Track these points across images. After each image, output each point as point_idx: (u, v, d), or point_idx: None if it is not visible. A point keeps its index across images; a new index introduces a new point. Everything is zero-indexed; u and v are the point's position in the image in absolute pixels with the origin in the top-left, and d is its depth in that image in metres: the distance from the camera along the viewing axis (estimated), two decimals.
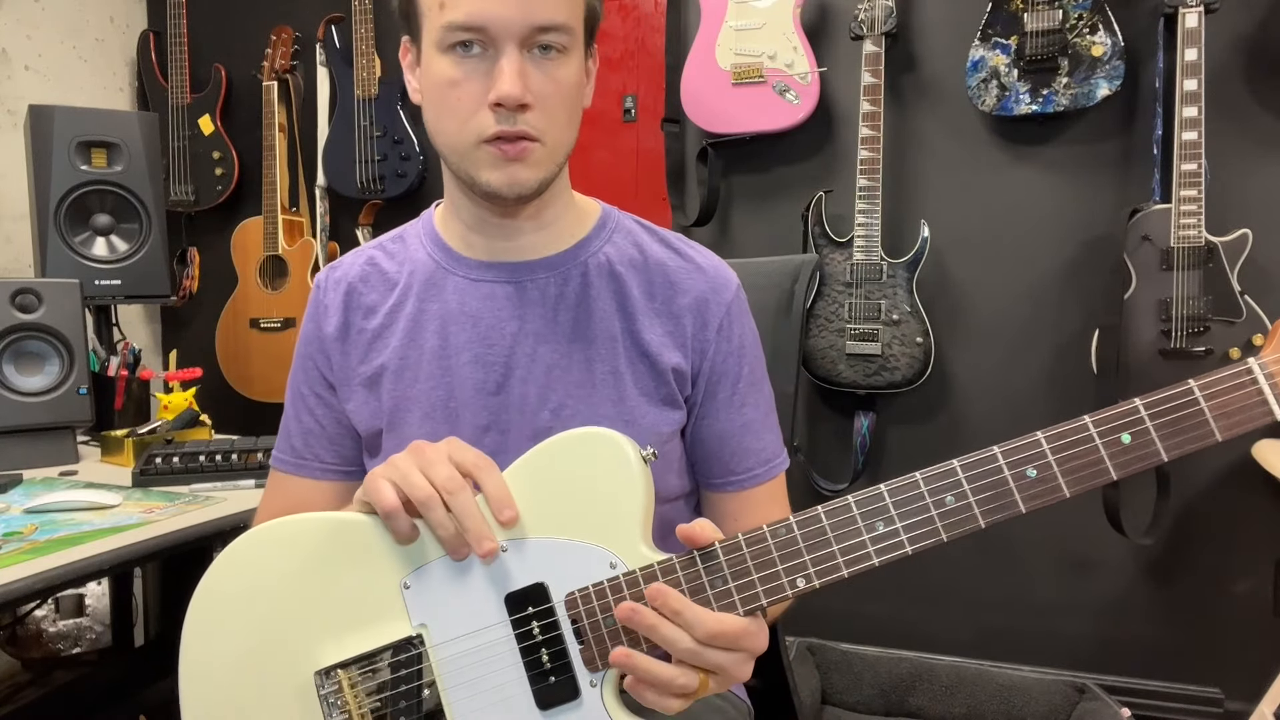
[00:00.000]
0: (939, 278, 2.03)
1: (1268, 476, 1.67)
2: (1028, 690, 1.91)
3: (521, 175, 0.77)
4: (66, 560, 1.01)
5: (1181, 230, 1.73)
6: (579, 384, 0.82)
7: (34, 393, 1.54)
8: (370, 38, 2.33)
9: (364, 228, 2.43)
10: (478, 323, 0.84)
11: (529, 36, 0.74)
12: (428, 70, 0.79)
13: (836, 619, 2.12)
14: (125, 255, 1.95)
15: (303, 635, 0.70)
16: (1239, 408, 0.58)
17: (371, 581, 0.69)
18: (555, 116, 0.78)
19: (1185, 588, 1.95)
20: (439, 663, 0.67)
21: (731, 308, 0.87)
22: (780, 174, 2.17)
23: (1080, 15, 1.82)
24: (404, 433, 0.84)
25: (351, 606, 0.69)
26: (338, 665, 0.69)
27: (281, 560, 0.71)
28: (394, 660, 0.68)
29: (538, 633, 0.66)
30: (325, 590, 0.70)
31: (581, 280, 0.85)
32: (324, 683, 0.69)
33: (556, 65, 0.77)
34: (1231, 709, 1.88)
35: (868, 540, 0.65)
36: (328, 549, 0.70)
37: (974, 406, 2.05)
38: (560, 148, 0.80)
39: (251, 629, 0.71)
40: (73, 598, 2.10)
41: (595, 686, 0.65)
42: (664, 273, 0.86)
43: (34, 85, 2.36)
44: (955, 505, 0.63)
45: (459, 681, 0.67)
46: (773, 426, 0.91)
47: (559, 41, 0.76)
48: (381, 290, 0.89)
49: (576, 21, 0.78)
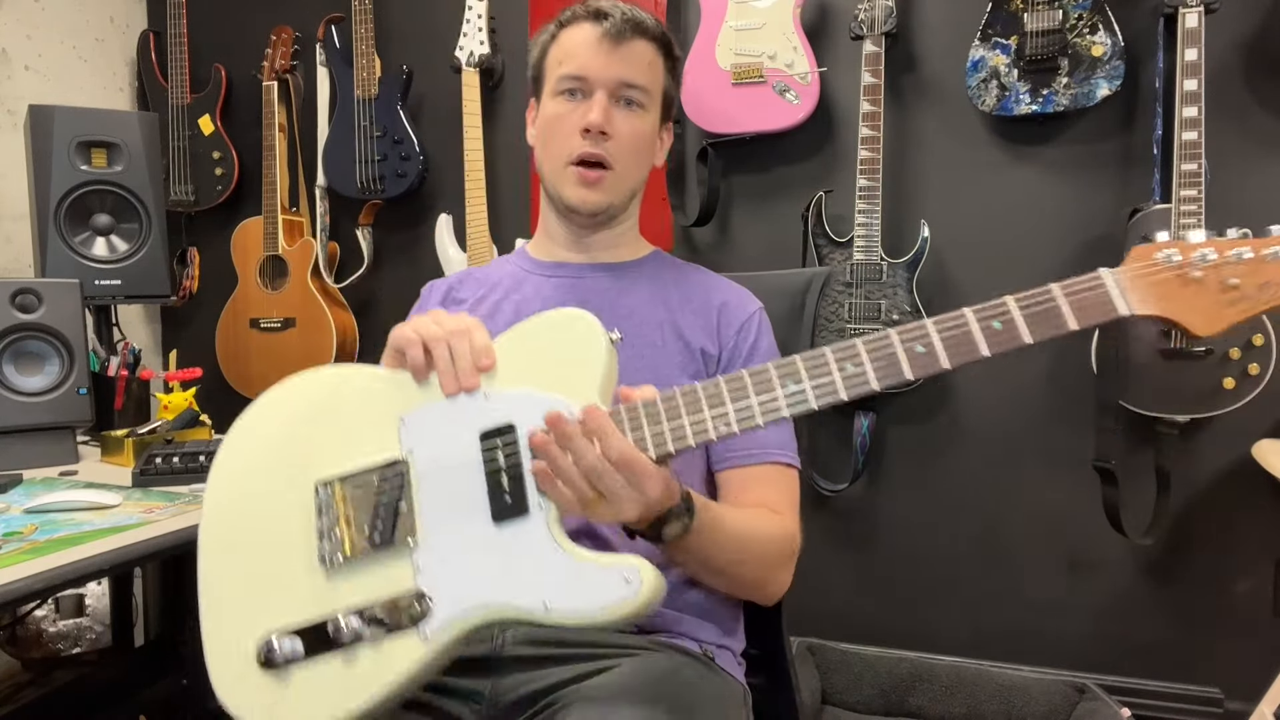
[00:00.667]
0: (939, 278, 2.03)
1: (1268, 476, 1.67)
2: (1028, 690, 1.91)
3: (593, 196, 1.04)
4: (66, 560, 1.00)
5: (1182, 230, 1.73)
6: (627, 351, 0.96)
7: (34, 393, 1.54)
8: (370, 38, 2.33)
9: (364, 228, 2.43)
10: (546, 300, 1.06)
11: (616, 89, 1.03)
12: (543, 112, 1.07)
13: (836, 619, 2.12)
14: (125, 255, 1.95)
15: (310, 453, 0.85)
16: (1092, 303, 0.73)
17: (374, 417, 0.84)
18: (627, 152, 1.04)
19: (1185, 588, 1.95)
20: (417, 479, 0.81)
21: (753, 318, 1.08)
22: (780, 174, 2.17)
23: (1080, 15, 1.82)
24: None
25: (353, 434, 0.84)
26: (336, 478, 0.83)
27: (308, 393, 0.89)
28: (382, 475, 0.81)
29: (502, 460, 0.78)
30: (336, 420, 0.86)
31: (632, 280, 1.09)
32: (321, 492, 0.83)
33: (635, 115, 1.04)
34: (1231, 709, 1.88)
35: (781, 395, 0.76)
36: (343, 389, 0.87)
37: (974, 406, 2.05)
38: (627, 180, 1.06)
39: (274, 444, 0.87)
40: (73, 598, 2.10)
41: (543, 509, 0.77)
42: (699, 284, 1.10)
43: (34, 85, 2.36)
44: (853, 371, 0.75)
45: (430, 496, 0.80)
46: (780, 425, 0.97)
47: (639, 98, 1.04)
48: (473, 288, 1.14)
49: (655, 88, 1.06)
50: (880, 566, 2.15)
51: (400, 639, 0.77)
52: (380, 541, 0.80)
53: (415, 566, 0.79)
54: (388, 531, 0.80)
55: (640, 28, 1.04)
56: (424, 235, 2.40)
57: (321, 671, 0.78)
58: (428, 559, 0.79)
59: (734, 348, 1.05)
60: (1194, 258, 0.73)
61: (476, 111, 2.25)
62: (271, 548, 0.83)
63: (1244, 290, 0.73)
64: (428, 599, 0.77)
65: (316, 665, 0.78)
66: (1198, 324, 0.73)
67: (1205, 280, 0.73)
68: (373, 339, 2.50)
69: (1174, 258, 0.74)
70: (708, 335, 1.05)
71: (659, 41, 1.06)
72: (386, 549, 0.79)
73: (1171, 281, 0.73)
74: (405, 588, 0.78)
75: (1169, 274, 0.73)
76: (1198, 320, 0.73)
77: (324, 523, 0.82)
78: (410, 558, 0.79)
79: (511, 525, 0.77)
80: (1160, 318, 0.73)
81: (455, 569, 0.78)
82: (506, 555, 0.77)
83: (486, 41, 2.23)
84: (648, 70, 1.05)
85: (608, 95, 1.02)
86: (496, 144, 2.35)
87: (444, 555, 0.78)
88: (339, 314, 2.42)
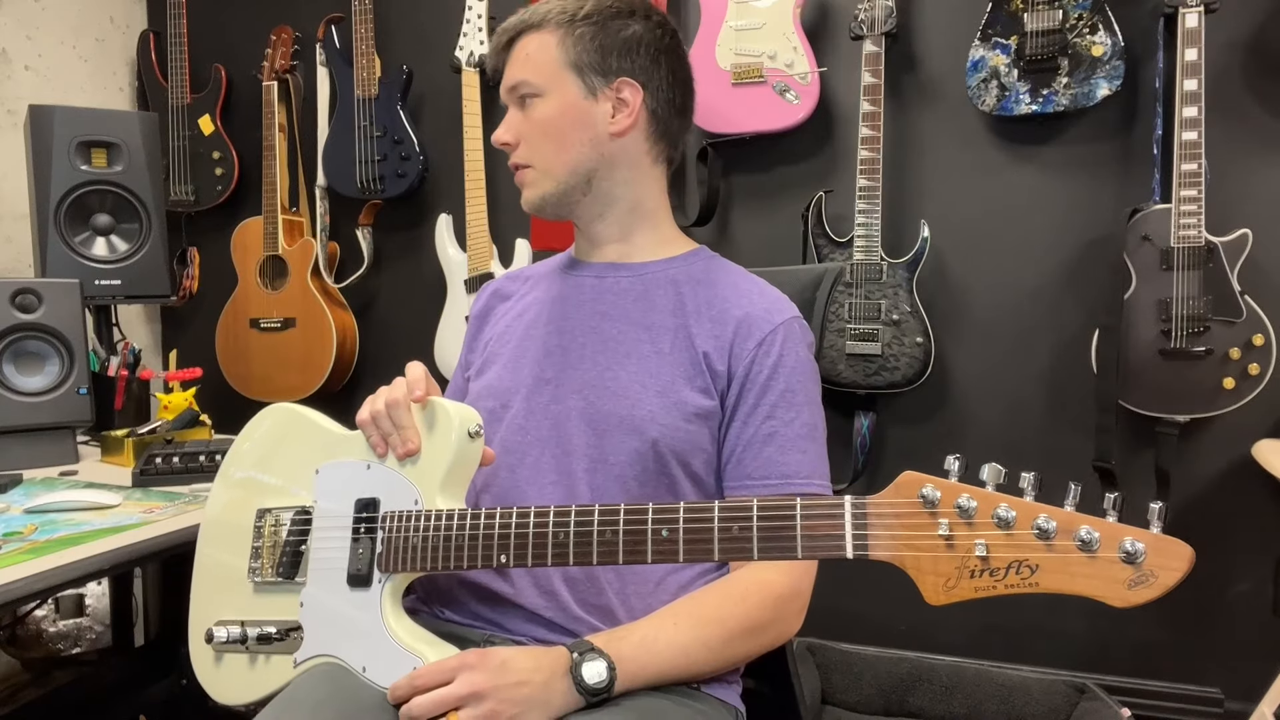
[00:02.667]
0: (939, 278, 2.03)
1: (1268, 476, 1.67)
2: (1028, 690, 1.91)
3: (526, 195, 1.07)
4: (66, 560, 1.01)
5: (1181, 230, 1.73)
6: (627, 354, 1.01)
7: (34, 393, 1.54)
8: (370, 38, 2.33)
9: (364, 228, 2.43)
10: (564, 302, 1.08)
11: (510, 97, 1.06)
12: None
13: (836, 619, 2.11)
14: (125, 255, 1.95)
15: (265, 481, 1.00)
16: (822, 536, 0.68)
17: (306, 461, 0.97)
18: (537, 144, 1.04)
19: (1185, 588, 1.92)
20: (315, 530, 0.93)
21: (780, 329, 1.00)
22: (780, 174, 2.17)
23: (1080, 15, 1.82)
24: (487, 378, 1.08)
25: (292, 474, 0.98)
26: (269, 510, 0.98)
27: (277, 427, 1.04)
28: (294, 518, 0.95)
29: (363, 531, 0.90)
30: (285, 457, 1.00)
31: (653, 281, 1.06)
32: (260, 518, 0.98)
33: (531, 107, 1.04)
34: (1231, 709, 1.88)
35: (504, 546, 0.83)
36: (295, 429, 1.01)
37: (974, 406, 2.05)
38: (553, 167, 1.04)
39: (249, 466, 1.03)
40: (73, 598, 2.10)
41: (381, 583, 0.87)
42: (723, 293, 1.04)
43: (34, 85, 2.36)
44: (609, 538, 0.78)
45: (318, 547, 0.93)
46: (807, 450, 0.97)
47: (528, 90, 1.03)
48: (519, 283, 1.18)
49: (545, 72, 1.02)
50: (880, 566, 2.14)
51: (281, 657, 0.92)
52: (283, 574, 0.93)
53: (301, 601, 0.92)
54: (289, 567, 0.93)
55: (520, 28, 1.04)
56: (424, 235, 2.40)
57: (239, 661, 0.95)
58: (309, 598, 0.92)
59: (751, 364, 0.97)
60: (954, 506, 0.63)
61: (476, 111, 2.25)
62: (231, 555, 0.99)
63: (991, 563, 0.61)
64: (301, 633, 0.91)
65: (236, 656, 0.95)
66: (930, 591, 0.63)
67: (954, 540, 0.62)
68: (373, 339, 2.50)
69: (934, 502, 0.63)
70: (719, 348, 0.99)
71: (544, 24, 1.03)
72: (287, 581, 0.93)
73: (916, 533, 0.64)
74: (291, 617, 0.92)
75: (916, 523, 0.64)
76: (932, 586, 0.63)
77: (256, 544, 0.97)
78: (300, 593, 0.92)
79: (359, 591, 0.88)
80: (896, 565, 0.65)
81: (322, 615, 0.91)
82: (351, 617, 0.88)
83: (486, 41, 2.23)
84: (527, 63, 1.03)
85: (514, 106, 1.05)
86: None
87: (319, 599, 0.91)
88: (339, 314, 2.42)
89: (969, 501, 0.62)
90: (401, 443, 0.89)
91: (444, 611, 1.01)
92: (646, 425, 0.96)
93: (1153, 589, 0.57)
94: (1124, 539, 0.58)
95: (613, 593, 0.95)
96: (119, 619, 2.08)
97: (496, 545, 0.82)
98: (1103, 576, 0.58)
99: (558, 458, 0.99)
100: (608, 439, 0.97)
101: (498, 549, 0.82)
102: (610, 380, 0.99)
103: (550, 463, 0.99)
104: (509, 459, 1.01)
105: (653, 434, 0.96)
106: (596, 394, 0.99)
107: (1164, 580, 0.57)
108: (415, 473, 0.89)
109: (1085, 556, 0.58)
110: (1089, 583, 0.58)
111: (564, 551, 0.79)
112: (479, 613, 0.99)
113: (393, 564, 0.87)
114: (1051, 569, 0.59)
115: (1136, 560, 0.57)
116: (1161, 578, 0.57)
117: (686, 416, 0.97)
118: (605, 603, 0.95)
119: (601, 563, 0.79)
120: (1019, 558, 0.60)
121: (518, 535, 0.81)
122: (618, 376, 0.99)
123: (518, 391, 1.04)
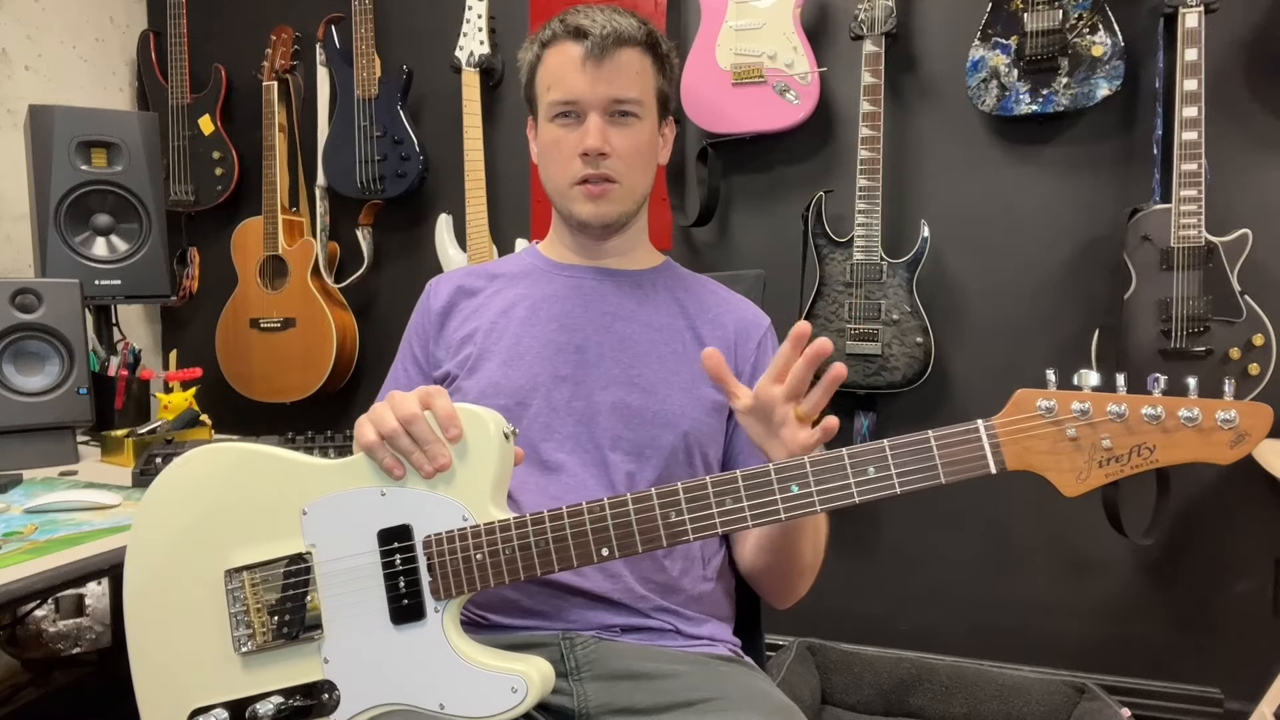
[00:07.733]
0: (939, 278, 2.03)
1: (1268, 476, 1.67)
2: (1028, 690, 1.91)
3: (604, 209, 1.05)
4: (66, 560, 1.01)
5: (1181, 230, 1.73)
6: (646, 354, 1.05)
7: (34, 393, 1.54)
8: (370, 38, 2.33)
9: (364, 228, 2.43)
10: (565, 301, 1.08)
11: (607, 107, 1.02)
12: (541, 135, 1.07)
13: (836, 619, 2.12)
14: (125, 255, 1.95)
15: (220, 538, 0.86)
16: (963, 459, 0.74)
17: (276, 503, 0.85)
18: (629, 164, 1.04)
19: (1185, 588, 1.95)
20: (321, 576, 0.83)
21: (769, 331, 1.12)
22: (780, 174, 2.17)
23: (1080, 15, 1.82)
24: (485, 375, 1.04)
25: (261, 522, 0.85)
26: (243, 568, 0.85)
27: (217, 473, 0.87)
28: (287, 570, 0.84)
29: (399, 563, 0.82)
30: (242, 504, 0.86)
31: (650, 287, 1.11)
32: (231, 579, 0.85)
33: (631, 127, 1.03)
34: (1231, 709, 1.88)
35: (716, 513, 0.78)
36: (247, 471, 0.86)
37: (974, 406, 2.05)
38: (635, 189, 1.06)
39: (183, 525, 0.87)
40: (73, 598, 2.10)
41: (438, 612, 0.81)
42: (712, 298, 1.12)
43: (34, 85, 2.36)
44: (732, 507, 0.77)
45: (334, 594, 0.83)
46: None
47: (632, 109, 1.03)
48: (484, 280, 1.13)
49: (647, 95, 1.04)
50: (880, 566, 2.15)
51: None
52: (289, 633, 0.83)
53: (323, 658, 0.83)
54: (296, 624, 0.83)
55: (621, 38, 1.01)
56: (424, 235, 2.40)
57: None
58: (335, 651, 0.83)
59: (754, 363, 1.07)
60: (1072, 411, 0.72)
61: (476, 111, 2.25)
62: (191, 630, 0.86)
63: (1115, 451, 0.71)
64: (336, 691, 0.82)
65: None
66: (1067, 484, 0.72)
67: (1079, 439, 0.72)
68: (373, 339, 2.50)
69: (1052, 410, 0.72)
70: (726, 349, 1.06)
71: (644, 44, 1.03)
72: (292, 642, 0.83)
73: (1045, 439, 0.72)
74: (315, 678, 0.83)
75: (1043, 431, 0.72)
76: (1067, 481, 0.72)
77: (236, 610, 0.85)
78: (319, 650, 0.83)
79: (409, 628, 0.81)
80: (1032, 473, 0.72)
81: (360, 665, 0.82)
82: (407, 657, 0.81)
83: (486, 41, 2.24)
84: (636, 80, 1.03)
85: (601, 115, 1.02)
86: (496, 144, 2.35)
87: (349, 650, 0.82)
88: (339, 314, 2.42)
89: (1084, 405, 0.71)
90: (430, 459, 0.81)
91: (489, 617, 0.99)
92: (679, 419, 1.02)
93: (1250, 444, 0.69)
94: (1217, 411, 0.69)
95: (671, 566, 1.01)
96: (119, 619, 2.08)
97: (592, 540, 0.79)
98: (1210, 442, 0.69)
99: (590, 452, 1.01)
100: (642, 432, 1.01)
101: (595, 543, 0.79)
102: (637, 377, 1.03)
103: (583, 458, 1.01)
104: (539, 458, 1.01)
105: (684, 426, 1.02)
106: (626, 390, 1.03)
107: (1256, 436, 0.68)
108: (454, 489, 0.82)
109: (1193, 430, 0.69)
110: (1200, 450, 0.69)
111: (655, 535, 0.78)
112: (532, 609, 0.97)
113: (448, 589, 0.81)
114: (1167, 445, 0.70)
115: (1234, 424, 0.69)
116: (1254, 434, 0.68)
117: (708, 410, 1.04)
118: (664, 579, 1.00)
119: (701, 538, 0.79)
120: (1138, 442, 0.70)
121: (616, 525, 0.79)
122: (643, 374, 1.03)
123: (535, 390, 1.02)
